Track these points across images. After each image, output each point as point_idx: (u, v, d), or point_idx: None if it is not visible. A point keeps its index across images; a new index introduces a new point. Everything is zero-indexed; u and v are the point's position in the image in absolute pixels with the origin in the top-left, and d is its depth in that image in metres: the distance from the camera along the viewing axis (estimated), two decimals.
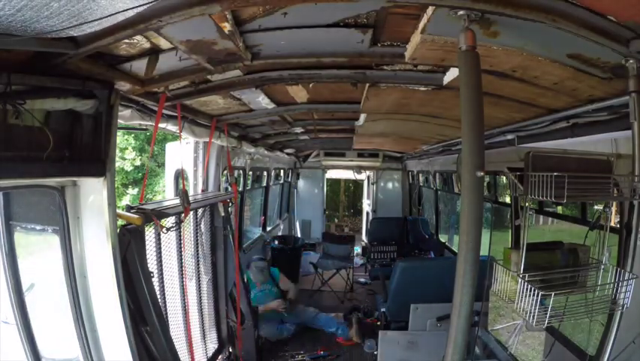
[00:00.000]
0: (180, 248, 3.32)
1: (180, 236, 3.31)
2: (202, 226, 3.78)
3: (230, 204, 4.07)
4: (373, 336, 4.36)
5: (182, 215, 2.99)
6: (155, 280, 2.84)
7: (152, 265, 2.82)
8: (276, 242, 7.21)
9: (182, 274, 3.34)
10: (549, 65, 1.66)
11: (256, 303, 4.69)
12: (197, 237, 3.72)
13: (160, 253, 3.02)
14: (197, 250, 3.73)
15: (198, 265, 3.74)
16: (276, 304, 4.80)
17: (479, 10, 1.27)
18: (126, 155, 13.16)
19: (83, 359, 2.14)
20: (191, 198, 3.04)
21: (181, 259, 3.34)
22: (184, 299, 3.38)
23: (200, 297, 3.79)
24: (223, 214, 3.89)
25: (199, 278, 3.76)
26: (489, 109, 1.81)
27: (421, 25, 1.47)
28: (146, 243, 2.66)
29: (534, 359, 3.09)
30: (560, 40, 1.41)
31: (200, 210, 3.70)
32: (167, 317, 2.93)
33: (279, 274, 5.27)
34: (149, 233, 2.81)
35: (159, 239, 2.99)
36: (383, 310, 4.09)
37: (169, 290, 3.15)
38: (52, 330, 2.18)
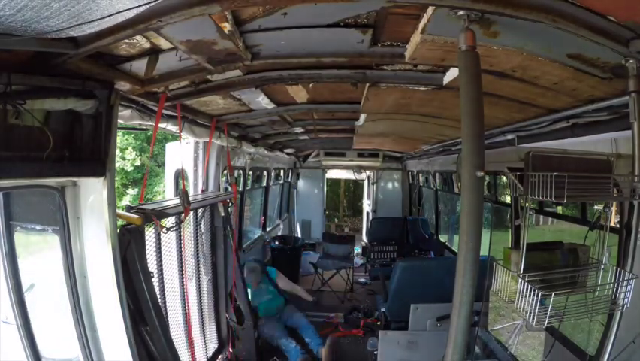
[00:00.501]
0: (180, 248, 3.32)
1: (180, 236, 3.31)
2: (202, 225, 3.78)
3: (230, 204, 4.07)
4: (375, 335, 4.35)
5: (182, 215, 2.99)
6: (155, 280, 2.84)
7: (152, 265, 2.82)
8: (276, 242, 7.21)
9: (182, 274, 3.34)
10: (549, 65, 1.66)
11: (253, 302, 4.67)
12: (197, 237, 3.72)
13: (160, 253, 3.02)
14: (197, 250, 3.73)
15: (198, 265, 3.74)
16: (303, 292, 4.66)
17: (479, 10, 1.27)
18: (126, 155, 13.16)
19: (82, 359, 2.14)
20: (191, 198, 3.04)
21: (181, 259, 3.34)
22: (184, 299, 3.38)
23: (200, 297, 3.79)
24: (223, 214, 3.89)
25: (199, 278, 3.76)
26: (489, 109, 1.81)
27: (421, 25, 1.47)
28: (146, 243, 2.66)
29: (534, 359, 3.09)
30: (560, 40, 1.41)
31: (200, 210, 3.70)
32: (167, 317, 2.93)
33: (276, 273, 5.14)
34: (149, 233, 2.81)
35: (159, 239, 2.99)
36: (383, 310, 4.09)
37: (169, 290, 3.15)
38: (52, 330, 2.18)
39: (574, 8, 1.24)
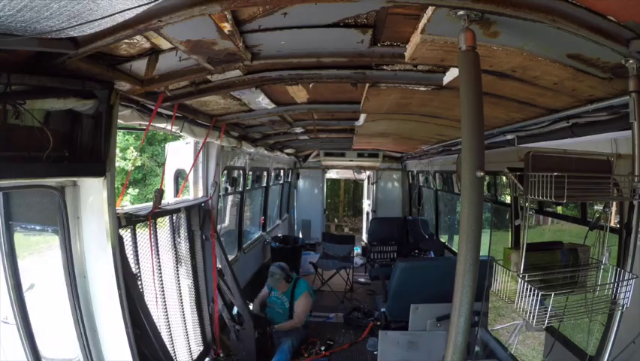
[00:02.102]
0: (158, 252, 3.21)
1: (157, 240, 3.21)
2: (181, 230, 3.69)
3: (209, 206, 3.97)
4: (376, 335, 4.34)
5: (151, 214, 2.91)
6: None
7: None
8: (276, 242, 7.21)
9: (161, 279, 3.24)
10: (549, 65, 1.66)
11: (267, 307, 4.56)
12: (174, 241, 3.62)
13: (137, 256, 2.92)
14: (177, 254, 3.63)
15: (177, 269, 3.65)
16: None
17: (479, 10, 1.27)
18: (127, 155, 13.17)
19: (82, 359, 2.14)
20: (164, 202, 2.96)
21: (159, 264, 3.23)
22: (164, 303, 3.28)
23: (182, 301, 3.64)
24: (200, 218, 3.80)
25: (179, 282, 3.64)
26: (489, 109, 1.81)
27: (421, 25, 1.47)
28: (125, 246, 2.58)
29: (534, 359, 3.09)
30: (559, 40, 1.41)
31: (177, 215, 3.61)
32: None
33: (305, 289, 4.60)
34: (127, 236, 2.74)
35: (136, 242, 2.89)
36: (383, 310, 4.09)
37: (147, 294, 3.03)
38: (52, 330, 2.18)
39: (574, 8, 1.24)
